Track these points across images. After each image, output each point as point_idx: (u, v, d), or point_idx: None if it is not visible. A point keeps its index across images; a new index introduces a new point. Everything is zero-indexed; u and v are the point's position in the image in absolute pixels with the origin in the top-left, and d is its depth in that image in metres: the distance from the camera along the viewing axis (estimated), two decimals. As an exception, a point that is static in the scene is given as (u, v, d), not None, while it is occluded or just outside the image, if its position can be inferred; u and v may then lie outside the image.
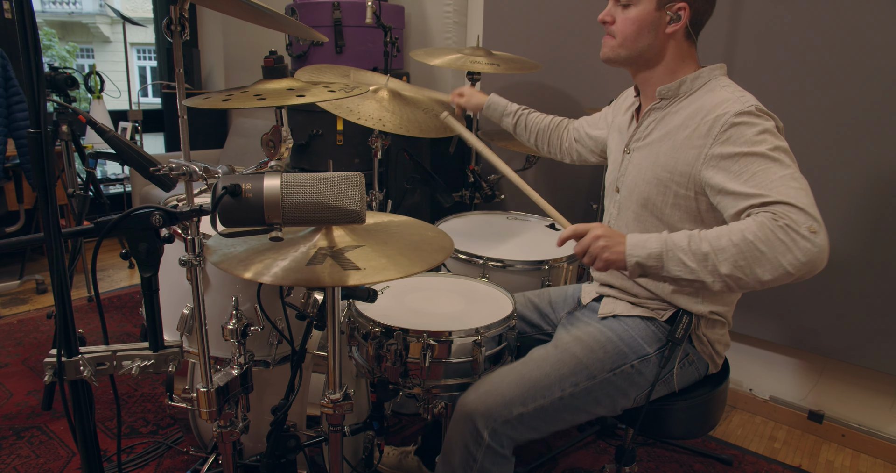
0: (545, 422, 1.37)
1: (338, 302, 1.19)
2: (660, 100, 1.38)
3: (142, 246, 0.91)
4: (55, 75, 2.83)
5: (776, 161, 1.16)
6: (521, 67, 2.36)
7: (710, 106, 1.28)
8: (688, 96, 1.35)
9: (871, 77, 1.94)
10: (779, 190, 1.12)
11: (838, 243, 2.08)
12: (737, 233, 1.11)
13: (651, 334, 1.42)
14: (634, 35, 1.34)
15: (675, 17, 1.31)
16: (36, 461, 1.96)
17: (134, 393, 2.34)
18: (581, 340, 1.43)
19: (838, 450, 2.22)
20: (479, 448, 1.33)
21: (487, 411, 1.32)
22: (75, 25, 12.86)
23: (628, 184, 1.44)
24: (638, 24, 1.32)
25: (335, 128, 2.85)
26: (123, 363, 0.96)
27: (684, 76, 1.35)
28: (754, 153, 1.17)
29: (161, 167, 1.10)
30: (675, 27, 1.31)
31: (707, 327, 1.43)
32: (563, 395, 1.36)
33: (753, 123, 1.20)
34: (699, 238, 1.15)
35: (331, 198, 0.87)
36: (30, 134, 0.84)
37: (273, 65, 1.07)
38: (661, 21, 1.32)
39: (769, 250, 1.09)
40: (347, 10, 2.81)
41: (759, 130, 1.19)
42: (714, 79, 1.35)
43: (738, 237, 1.11)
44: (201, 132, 4.28)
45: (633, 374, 1.40)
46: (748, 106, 1.22)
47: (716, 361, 1.48)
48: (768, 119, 1.23)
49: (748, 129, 1.20)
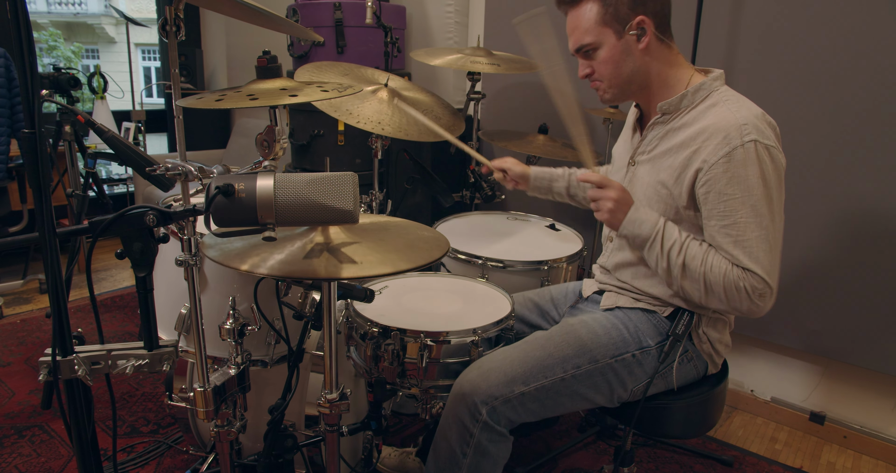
0: (543, 405, 1.37)
1: (334, 301, 1.19)
2: (662, 114, 1.39)
3: (136, 246, 0.91)
4: (58, 76, 2.84)
5: (758, 216, 1.26)
6: (522, 67, 2.36)
7: (712, 128, 1.28)
8: (689, 110, 1.36)
9: (874, 76, 1.93)
10: (752, 255, 1.26)
11: (840, 244, 2.07)
12: (709, 269, 1.29)
13: (652, 327, 1.44)
14: (615, 71, 1.36)
15: (640, 33, 1.32)
16: (37, 460, 1.96)
17: (135, 393, 2.35)
18: (586, 324, 1.45)
19: (840, 452, 2.21)
20: (476, 424, 1.33)
21: (489, 388, 1.33)
22: (81, 26, 12.92)
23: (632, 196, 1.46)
24: (612, 61, 1.35)
25: (336, 128, 2.85)
26: (118, 362, 0.96)
27: (685, 90, 1.35)
28: (743, 202, 1.25)
29: (157, 167, 1.10)
30: (646, 40, 1.33)
31: (708, 325, 1.44)
32: (564, 376, 1.37)
33: (748, 162, 1.24)
34: (682, 248, 1.31)
35: (324, 198, 0.87)
36: (24, 134, 0.85)
37: (266, 65, 1.07)
38: (631, 44, 1.33)
39: (725, 296, 1.28)
40: (349, 10, 2.81)
41: (755, 173, 1.24)
42: (715, 91, 1.35)
43: (707, 272, 1.29)
44: (204, 132, 4.28)
45: (633, 364, 1.41)
46: (747, 138, 1.24)
47: (715, 361, 1.47)
48: (766, 144, 1.25)
49: (744, 169, 1.24)
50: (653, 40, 1.33)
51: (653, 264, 1.36)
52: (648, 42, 1.33)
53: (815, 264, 2.13)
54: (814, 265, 2.14)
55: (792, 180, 2.12)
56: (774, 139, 1.28)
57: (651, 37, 1.32)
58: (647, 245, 1.34)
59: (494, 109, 2.98)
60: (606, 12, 1.32)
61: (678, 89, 1.37)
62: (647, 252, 1.36)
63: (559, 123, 1.89)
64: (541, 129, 2.43)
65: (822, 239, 2.10)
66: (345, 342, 1.59)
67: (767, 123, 1.29)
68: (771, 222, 1.27)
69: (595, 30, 1.34)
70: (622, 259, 1.49)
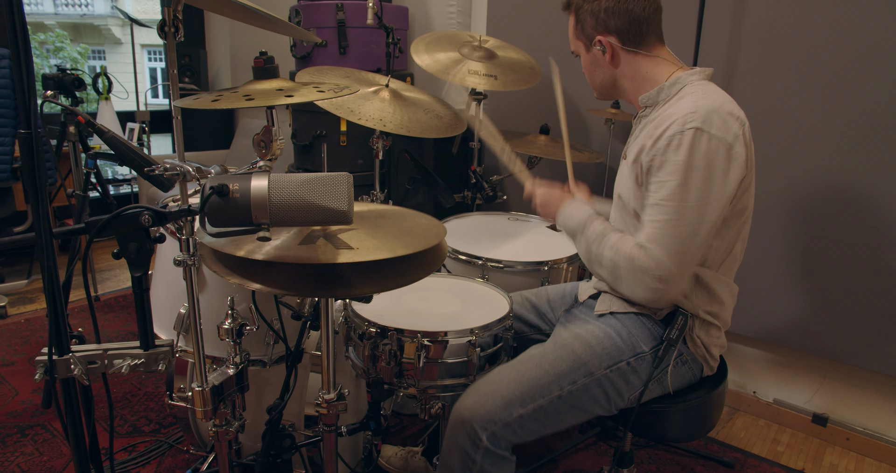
0: (544, 424, 1.37)
1: (331, 300, 1.19)
2: (644, 108, 1.43)
3: (132, 246, 0.92)
4: (62, 77, 2.85)
5: (674, 200, 1.28)
6: (519, 80, 2.35)
7: (670, 117, 1.31)
8: (666, 102, 1.38)
9: (876, 76, 1.92)
10: (656, 236, 1.29)
11: (842, 244, 2.06)
12: (617, 255, 1.35)
13: (647, 332, 1.43)
14: (590, 77, 1.50)
15: (603, 49, 1.41)
16: (39, 458, 1.98)
17: (137, 392, 2.36)
18: (579, 337, 1.44)
19: (843, 454, 2.20)
20: (477, 450, 1.33)
21: (487, 414, 1.33)
22: (87, 27, 12.99)
23: (618, 188, 1.50)
24: (588, 69, 1.50)
25: (339, 129, 2.86)
26: (115, 361, 0.96)
27: (662, 84, 1.38)
28: (665, 186, 1.28)
29: (155, 168, 1.11)
30: (609, 55, 1.41)
31: (701, 328, 1.43)
32: (561, 394, 1.36)
33: (680, 147, 1.26)
34: (600, 238, 1.39)
35: (318, 198, 0.87)
36: (21, 134, 0.85)
37: (263, 65, 1.08)
38: (598, 56, 1.44)
39: (627, 278, 1.34)
40: (351, 11, 2.82)
41: (683, 160, 1.26)
42: (689, 84, 1.36)
43: (615, 258, 1.35)
44: (208, 133, 4.30)
45: (629, 372, 1.40)
46: (689, 125, 1.26)
47: (710, 363, 1.47)
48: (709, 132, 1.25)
49: (675, 155, 1.27)
50: (620, 53, 1.41)
51: (581, 253, 1.47)
52: (613, 55, 1.41)
53: (818, 266, 2.12)
54: (817, 267, 2.13)
55: (794, 181, 2.12)
56: (727, 131, 1.26)
57: (616, 51, 1.40)
58: (577, 236, 1.46)
59: (496, 109, 2.98)
60: (577, 26, 1.45)
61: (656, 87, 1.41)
62: (576, 242, 1.47)
63: (560, 123, 1.89)
64: (542, 129, 2.43)
65: (825, 241, 2.09)
66: (344, 343, 1.59)
67: (728, 113, 1.28)
68: (681, 209, 1.27)
69: (574, 41, 1.48)
70: None
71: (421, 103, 2.06)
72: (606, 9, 1.37)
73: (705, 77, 1.38)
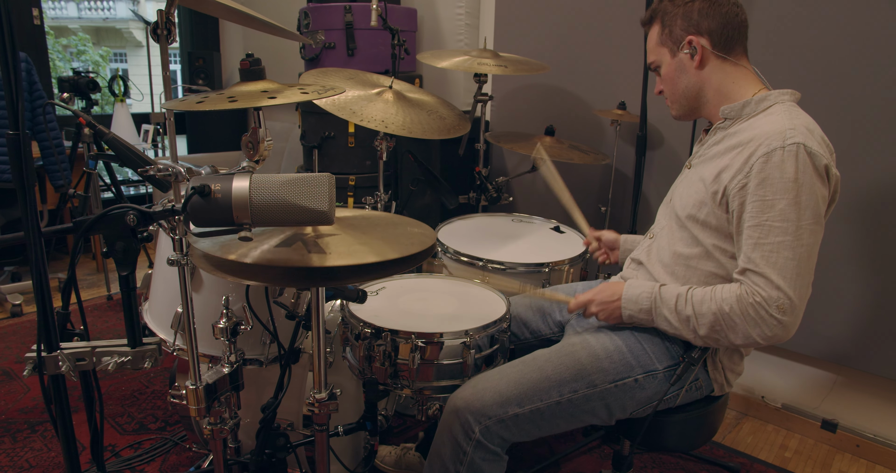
0: (538, 426, 1.36)
1: (321, 299, 1.20)
2: (724, 119, 1.39)
3: (119, 245, 0.93)
4: (77, 79, 2.91)
5: (785, 220, 1.21)
6: (529, 68, 2.35)
7: (761, 134, 1.26)
8: (749, 118, 1.34)
9: (881, 77, 1.89)
10: (769, 259, 1.21)
11: (853, 248, 2.03)
12: (718, 302, 1.26)
13: (664, 350, 1.40)
14: (672, 87, 1.44)
15: (693, 52, 1.37)
16: (48, 454, 2.01)
17: (145, 390, 2.40)
18: (589, 345, 1.42)
19: (852, 461, 2.16)
20: (469, 442, 1.33)
21: (483, 407, 1.33)
22: (109, 31, 13.21)
23: (677, 197, 1.45)
24: (670, 78, 1.43)
25: (347, 130, 2.87)
26: (103, 359, 0.98)
27: (748, 98, 1.35)
28: (772, 205, 1.22)
29: (149, 168, 1.13)
30: (699, 58, 1.36)
31: (724, 353, 1.41)
32: (560, 400, 1.35)
33: (785, 163, 1.21)
34: (686, 300, 1.30)
35: (299, 199, 0.87)
36: (9, 135, 0.87)
37: (249, 68, 1.09)
38: (685, 61, 1.39)
39: (741, 323, 1.24)
40: (359, 13, 2.83)
41: (790, 176, 1.21)
42: (780, 103, 1.33)
43: (716, 307, 1.26)
44: (221, 135, 4.35)
45: (635, 388, 1.38)
46: (790, 140, 1.21)
47: (723, 388, 1.45)
48: (811, 149, 1.21)
49: (778, 171, 1.21)
50: (709, 57, 1.37)
51: (668, 327, 1.33)
52: (702, 59, 1.37)
53: (829, 270, 2.08)
54: (827, 271, 2.09)
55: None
56: (824, 151, 1.24)
57: (706, 54, 1.36)
58: (654, 314, 1.34)
59: (502, 110, 2.98)
60: (663, 33, 1.40)
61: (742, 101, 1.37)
62: (657, 320, 1.35)
63: (566, 124, 1.88)
64: (547, 130, 2.42)
65: (835, 244, 2.05)
66: (340, 343, 1.60)
67: (821, 137, 1.26)
68: (796, 229, 1.21)
69: (656, 50, 1.43)
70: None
71: (425, 105, 2.07)
72: (700, 10, 1.35)
73: (795, 100, 1.35)
